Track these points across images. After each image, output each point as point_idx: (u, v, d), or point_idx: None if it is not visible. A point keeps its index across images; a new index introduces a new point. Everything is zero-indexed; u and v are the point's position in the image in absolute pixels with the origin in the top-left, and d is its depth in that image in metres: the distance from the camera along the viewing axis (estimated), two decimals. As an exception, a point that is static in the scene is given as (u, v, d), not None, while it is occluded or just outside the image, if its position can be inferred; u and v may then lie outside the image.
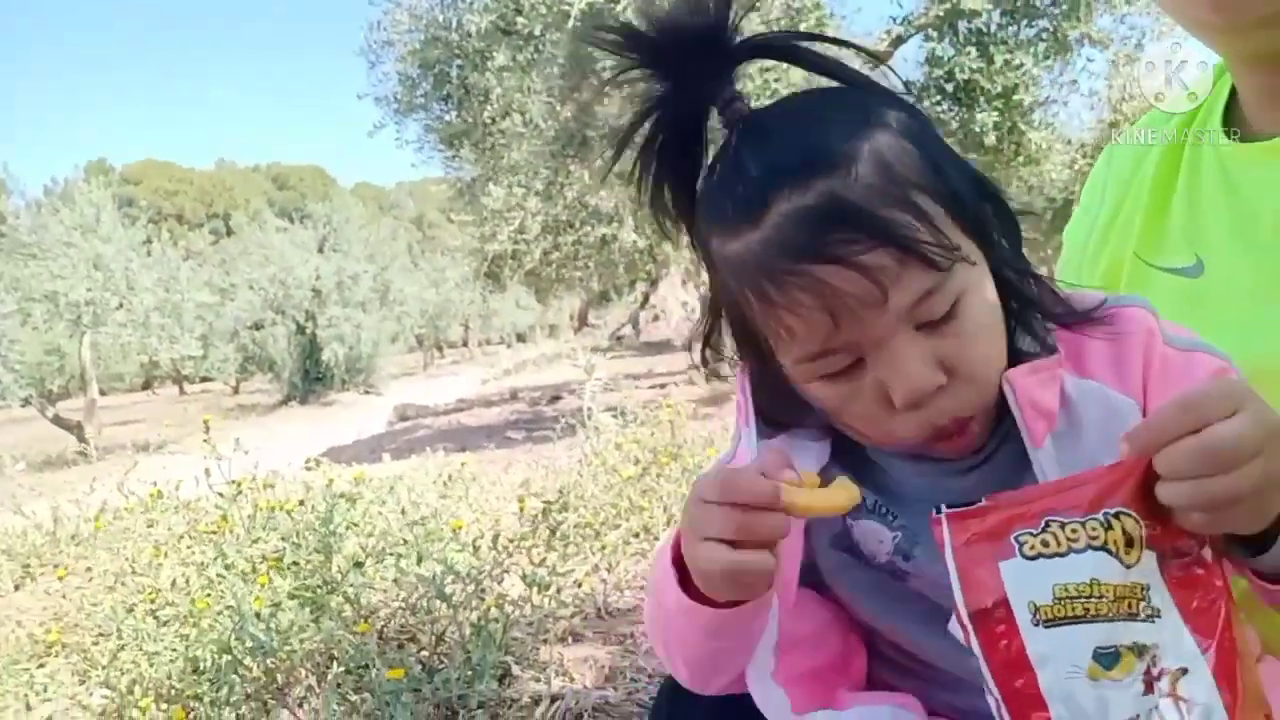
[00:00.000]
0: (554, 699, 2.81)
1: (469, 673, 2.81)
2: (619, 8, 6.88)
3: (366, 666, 2.72)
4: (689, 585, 0.83)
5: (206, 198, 69.95)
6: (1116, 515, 0.67)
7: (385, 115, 9.78)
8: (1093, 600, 0.67)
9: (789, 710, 0.89)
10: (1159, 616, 0.67)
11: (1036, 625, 0.68)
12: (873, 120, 0.79)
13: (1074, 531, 0.68)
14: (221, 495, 3.31)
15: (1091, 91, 9.94)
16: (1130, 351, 0.85)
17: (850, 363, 0.80)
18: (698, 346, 0.94)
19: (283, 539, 3.13)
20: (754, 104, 0.86)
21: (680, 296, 20.82)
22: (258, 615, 2.68)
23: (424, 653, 2.98)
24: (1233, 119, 1.13)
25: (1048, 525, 0.68)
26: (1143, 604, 0.67)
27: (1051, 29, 8.06)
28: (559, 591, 3.16)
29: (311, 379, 23.72)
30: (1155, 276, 1.13)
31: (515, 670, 2.97)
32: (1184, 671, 0.67)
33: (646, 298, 23.68)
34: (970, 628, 0.70)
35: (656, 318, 25.45)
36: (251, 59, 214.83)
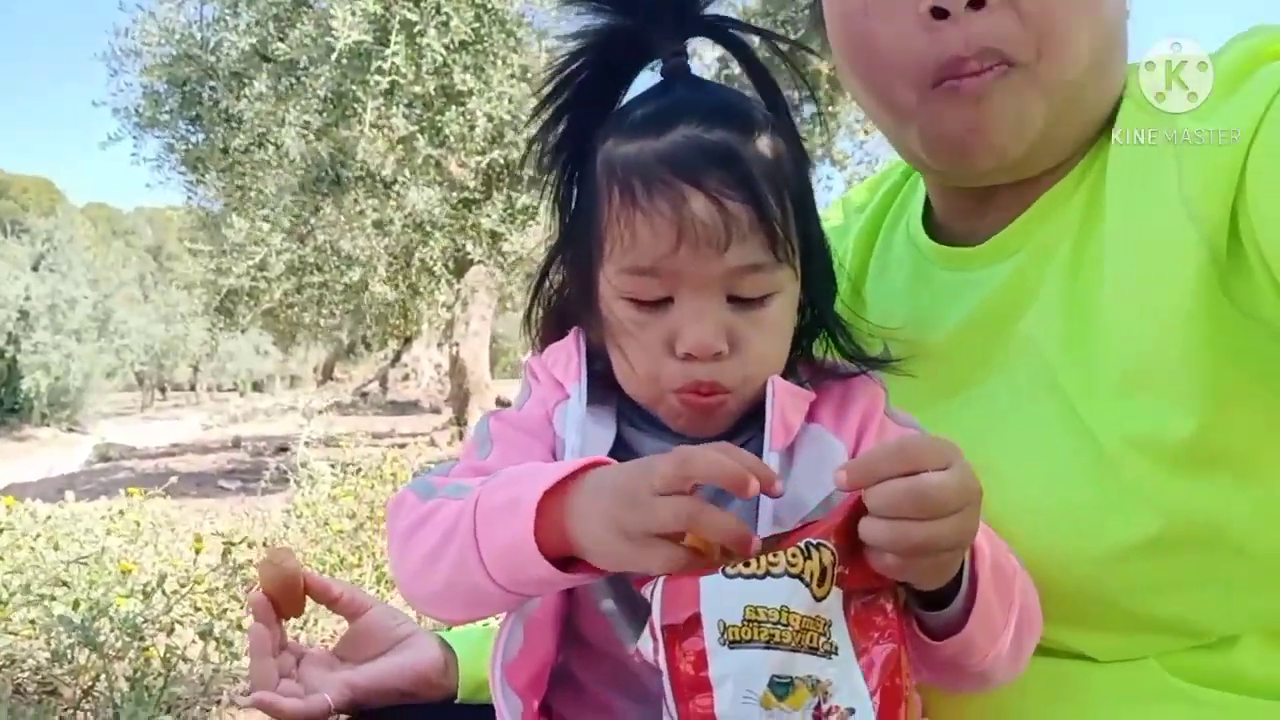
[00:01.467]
0: (214, 765, 2.54)
1: (116, 733, 2.50)
2: (387, 51, 6.76)
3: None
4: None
5: (-96, 196, 61.90)
6: (817, 546, 0.69)
7: (123, 128, 9.04)
8: (779, 627, 0.67)
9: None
10: (835, 653, 0.68)
11: (722, 644, 0.68)
12: (782, 130, 0.91)
13: (775, 556, 0.69)
14: None
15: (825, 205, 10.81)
16: (854, 404, 0.94)
17: (661, 297, 0.86)
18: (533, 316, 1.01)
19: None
20: None
21: (434, 358, 20.41)
22: None
23: (67, 710, 2.62)
24: (927, 217, 1.17)
25: None
26: (823, 639, 0.68)
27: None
28: (233, 646, 2.88)
29: (5, 409, 21.19)
30: None
31: (174, 731, 2.67)
32: (851, 711, 0.67)
33: (398, 355, 23.04)
34: (660, 640, 0.70)
35: (406, 377, 24.77)
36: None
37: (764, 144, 0.87)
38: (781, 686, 0.67)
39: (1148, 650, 0.96)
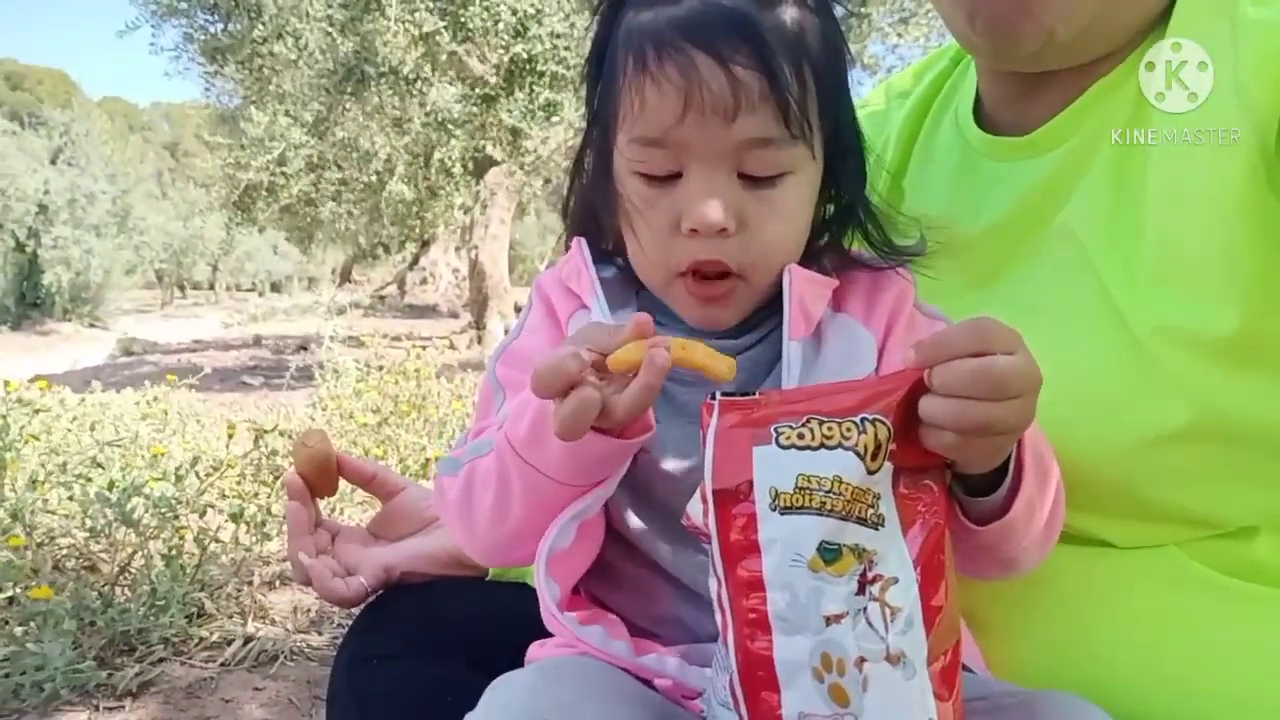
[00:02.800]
0: (248, 640, 2.62)
1: (154, 607, 2.57)
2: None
3: (30, 592, 2.42)
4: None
5: (-82, 86, 61.38)
6: (873, 421, 0.69)
7: (141, 16, 8.87)
8: (830, 495, 0.68)
9: (557, 603, 0.86)
10: (883, 525, 0.69)
11: (773, 510, 0.69)
12: (816, 5, 0.88)
13: (830, 430, 0.69)
14: None
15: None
16: (884, 293, 0.93)
17: (669, 172, 0.85)
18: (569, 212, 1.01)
19: (-55, 448, 2.73)
20: None
21: (452, 262, 20.38)
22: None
23: (104, 585, 2.70)
24: (976, 108, 1.15)
25: (809, 421, 0.70)
26: (871, 510, 0.69)
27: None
28: (265, 527, 2.95)
29: (27, 303, 21.37)
30: None
31: (210, 609, 2.74)
32: (894, 580, 0.69)
33: (416, 259, 23.02)
34: (710, 504, 0.71)
35: (424, 281, 24.77)
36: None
37: (788, 14, 0.84)
38: (830, 552, 0.68)
39: (1168, 539, 0.98)
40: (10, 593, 2.52)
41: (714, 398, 0.73)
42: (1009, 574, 0.87)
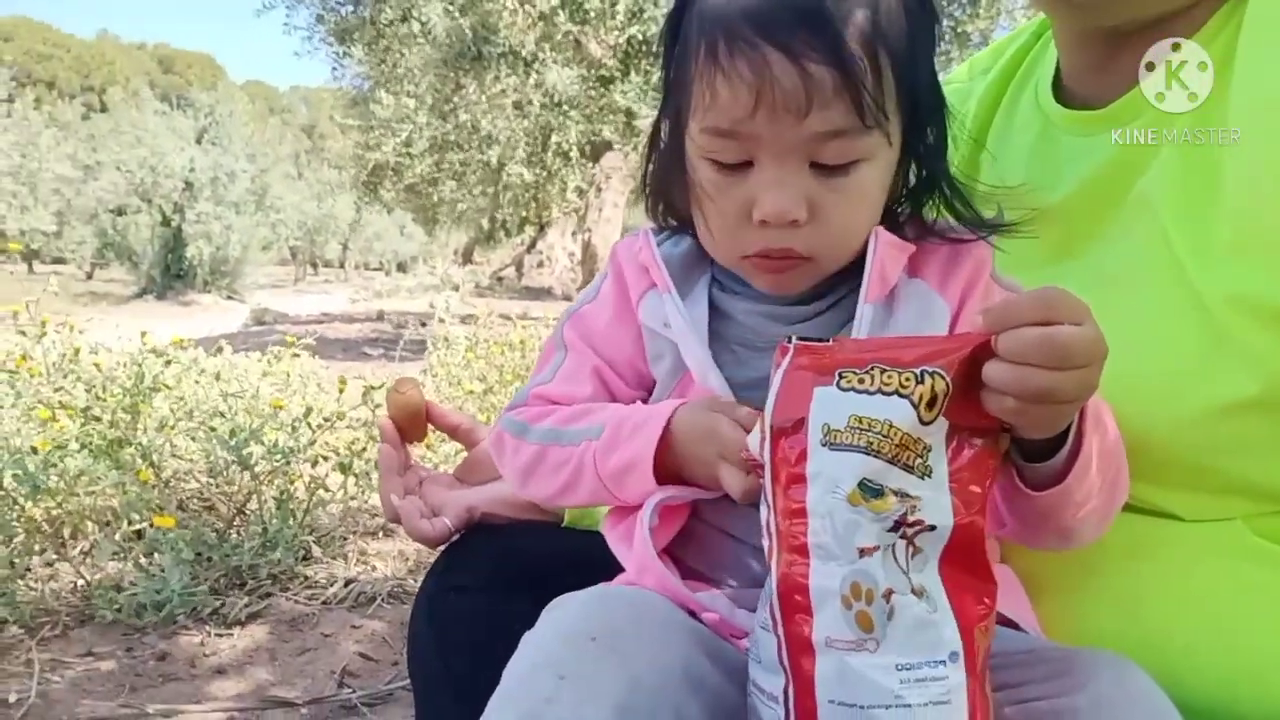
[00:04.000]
0: (349, 582, 2.77)
1: (265, 545, 2.75)
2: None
3: (155, 520, 2.62)
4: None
5: (83, 69, 65.29)
6: (932, 374, 0.70)
7: (278, -3, 9.31)
8: (879, 437, 0.70)
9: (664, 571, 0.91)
10: (929, 476, 0.71)
11: (823, 445, 0.71)
12: None
13: (889, 378, 0.71)
14: (24, 334, 3.11)
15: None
16: (962, 264, 0.92)
17: (741, 160, 0.85)
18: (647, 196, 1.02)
19: (88, 389, 2.97)
20: None
21: (568, 246, 20.66)
22: (34, 450, 2.54)
23: (220, 523, 2.90)
24: (1056, 84, 1.14)
25: (872, 368, 0.72)
26: (919, 460, 0.70)
27: (952, 26, 8.27)
28: (371, 479, 3.11)
29: (172, 275, 22.55)
30: None
31: (316, 552, 2.92)
32: (932, 528, 0.70)
33: (534, 242, 23.41)
34: (768, 436, 0.74)
35: (541, 264, 25.18)
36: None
37: (861, 5, 0.82)
38: (871, 490, 0.70)
39: (1234, 512, 0.96)
40: (138, 525, 2.73)
41: (790, 341, 0.76)
42: (1067, 544, 0.87)
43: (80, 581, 2.57)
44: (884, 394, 0.71)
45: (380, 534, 3.25)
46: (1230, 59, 0.94)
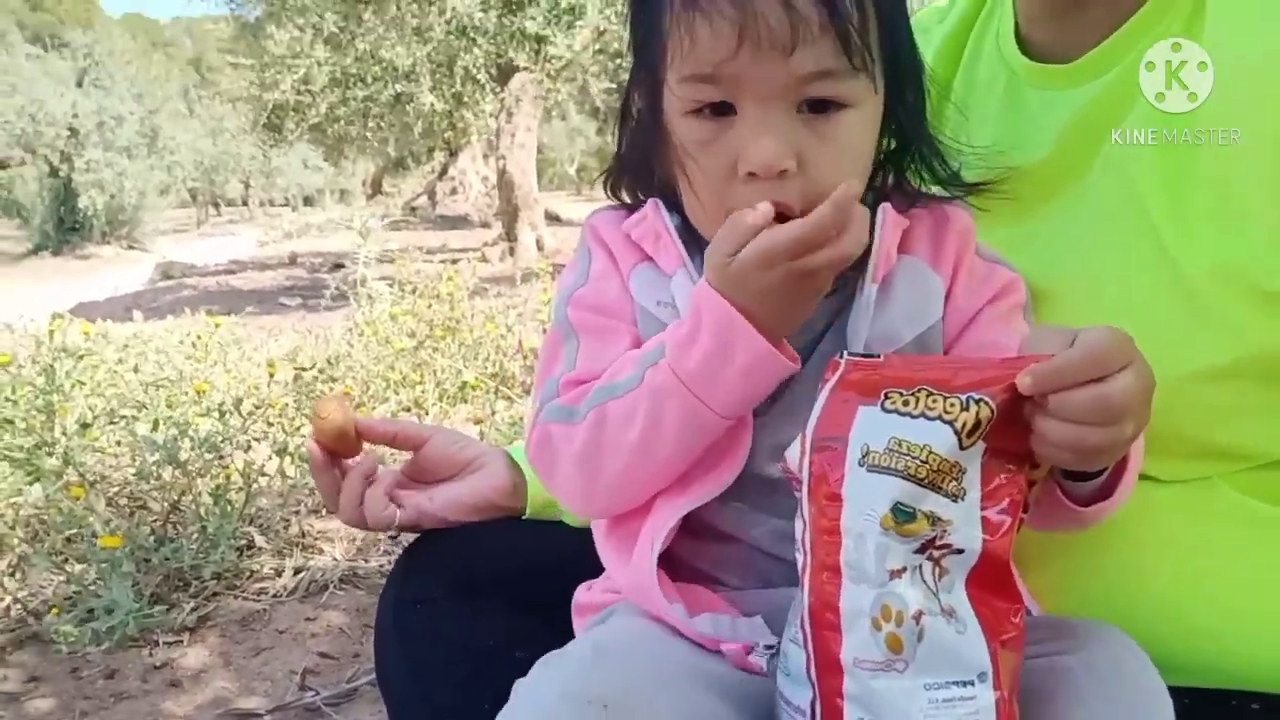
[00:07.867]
0: (298, 570, 2.70)
1: (205, 543, 2.65)
2: None
3: (88, 535, 2.50)
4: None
5: (-60, 11, 60.99)
6: (978, 401, 0.70)
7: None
8: (917, 462, 0.70)
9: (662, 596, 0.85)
10: (963, 499, 0.71)
11: (861, 466, 0.72)
12: None
13: (934, 401, 0.71)
14: (-84, 341, 2.91)
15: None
16: (948, 237, 0.91)
17: (721, 101, 0.81)
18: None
19: (-6, 395, 2.80)
20: None
21: (481, 170, 20.20)
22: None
23: (156, 522, 2.78)
24: (1017, 33, 1.10)
25: (918, 390, 0.72)
26: (954, 483, 0.71)
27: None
28: (308, 460, 3.01)
29: (66, 228, 21.57)
30: None
31: (259, 542, 2.83)
32: (959, 552, 0.71)
33: (445, 169, 22.84)
34: (809, 451, 0.75)
35: (454, 191, 24.59)
36: None
37: None
38: (904, 514, 0.70)
39: (1210, 472, 0.97)
40: (67, 533, 2.61)
41: (842, 356, 0.77)
42: (1082, 530, 0.87)
43: (10, 601, 2.45)
44: (927, 418, 0.71)
45: (323, 510, 3.16)
46: (1201, 12, 0.93)
